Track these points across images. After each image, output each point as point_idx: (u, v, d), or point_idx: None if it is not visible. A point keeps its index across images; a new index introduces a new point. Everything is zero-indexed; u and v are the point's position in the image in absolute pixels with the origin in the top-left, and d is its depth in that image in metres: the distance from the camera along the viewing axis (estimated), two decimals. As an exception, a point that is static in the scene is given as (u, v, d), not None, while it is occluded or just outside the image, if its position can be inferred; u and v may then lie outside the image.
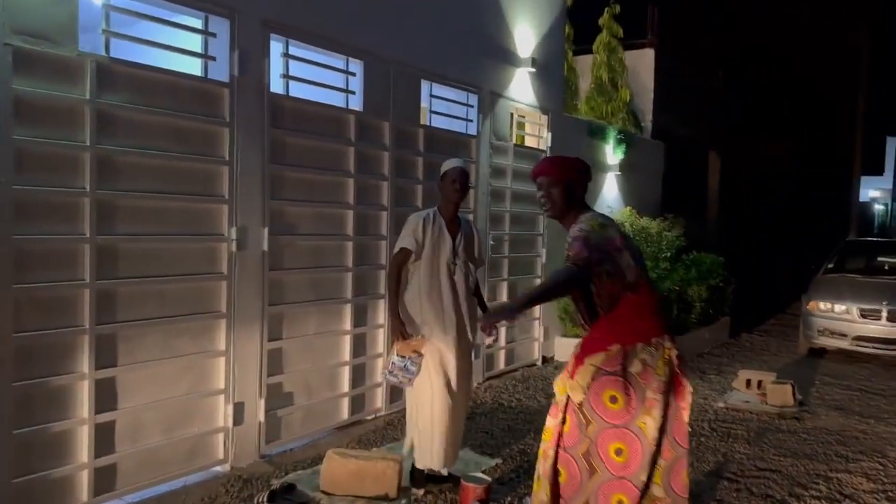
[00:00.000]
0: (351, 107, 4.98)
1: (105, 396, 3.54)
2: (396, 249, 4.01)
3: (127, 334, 3.63)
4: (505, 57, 6.68)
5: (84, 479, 3.47)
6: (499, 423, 5.42)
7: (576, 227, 2.89)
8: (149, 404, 3.75)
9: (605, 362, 2.84)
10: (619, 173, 9.32)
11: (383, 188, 5.27)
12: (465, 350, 4.10)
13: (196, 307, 3.98)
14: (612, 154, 9.24)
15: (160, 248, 3.78)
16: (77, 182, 3.39)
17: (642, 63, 11.07)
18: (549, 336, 7.65)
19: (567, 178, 3.01)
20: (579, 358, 2.91)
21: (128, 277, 3.61)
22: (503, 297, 6.90)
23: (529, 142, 7.59)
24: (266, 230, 4.32)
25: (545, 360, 7.60)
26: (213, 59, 4.02)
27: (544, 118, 7.46)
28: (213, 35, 4.01)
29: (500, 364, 6.93)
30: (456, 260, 4.07)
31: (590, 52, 10.92)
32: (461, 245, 4.11)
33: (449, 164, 4.15)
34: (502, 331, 6.66)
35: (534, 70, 6.95)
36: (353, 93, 4.98)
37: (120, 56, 3.58)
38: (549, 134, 7.49)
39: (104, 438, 3.54)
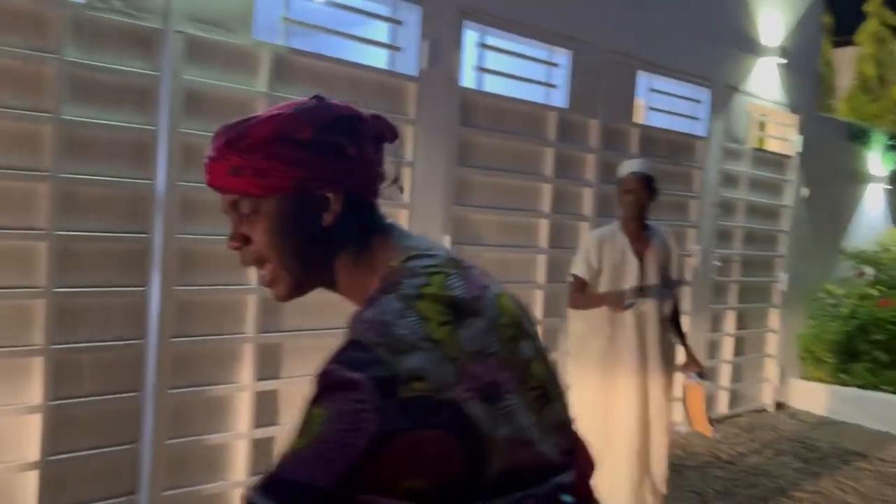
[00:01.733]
0: (552, 102, 4.40)
1: (261, 411, 3.30)
2: (570, 277, 3.41)
3: (296, 345, 3.37)
4: (745, 45, 5.69)
5: (237, 497, 3.26)
6: (713, 482, 4.51)
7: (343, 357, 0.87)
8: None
9: None
10: (889, 187, 7.74)
11: (585, 195, 4.62)
12: (646, 395, 3.39)
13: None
14: (880, 163, 7.68)
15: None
16: (246, 180, 3.17)
17: (923, 54, 9.18)
18: (784, 378, 6.46)
19: (293, 180, 0.97)
20: None
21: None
22: (729, 327, 5.90)
23: (773, 145, 6.46)
24: (447, 239, 3.88)
25: (779, 406, 6.42)
26: (399, 49, 3.66)
27: (793, 118, 6.29)
28: (401, 23, 3.65)
29: (721, 406, 5.92)
30: (644, 284, 3.36)
31: (851, 44, 9.29)
32: (651, 268, 3.39)
33: (624, 169, 3.45)
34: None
35: (782, 61, 5.86)
36: (555, 87, 4.40)
37: (300, 47, 3.34)
38: (800, 137, 6.31)
39: (263, 454, 3.31)
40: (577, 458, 1.03)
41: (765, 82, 5.89)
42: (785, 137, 6.32)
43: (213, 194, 1.04)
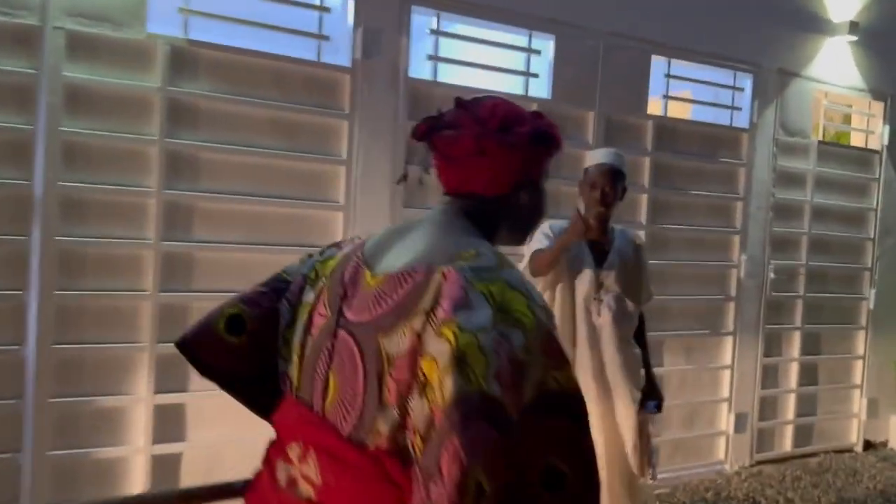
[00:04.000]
0: (532, 94, 3.94)
1: (161, 425, 3.10)
2: (526, 259, 2.87)
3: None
4: (804, 22, 4.87)
5: None
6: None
7: None
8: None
9: None
10: None
11: (581, 196, 4.09)
12: (612, 423, 2.87)
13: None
14: None
15: (244, 259, 3.25)
16: (142, 180, 3.03)
17: None
18: (876, 411, 5.43)
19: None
20: None
21: (202, 291, 3.15)
22: (792, 351, 5.03)
23: (856, 139, 5.52)
24: (395, 244, 3.53)
25: (869, 445, 5.41)
26: (327, 38, 3.39)
27: (878, 106, 5.33)
28: (328, 10, 3.38)
29: (785, 444, 5.04)
30: (601, 294, 2.84)
31: None
32: (612, 274, 2.87)
33: (590, 159, 2.96)
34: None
35: (855, 39, 4.97)
36: (536, 76, 3.93)
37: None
38: (887, 127, 5.33)
39: (163, 470, 3.12)
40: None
41: (833, 64, 5.02)
42: (866, 129, 5.37)
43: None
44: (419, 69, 3.62)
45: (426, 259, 1.15)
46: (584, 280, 2.85)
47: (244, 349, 1.39)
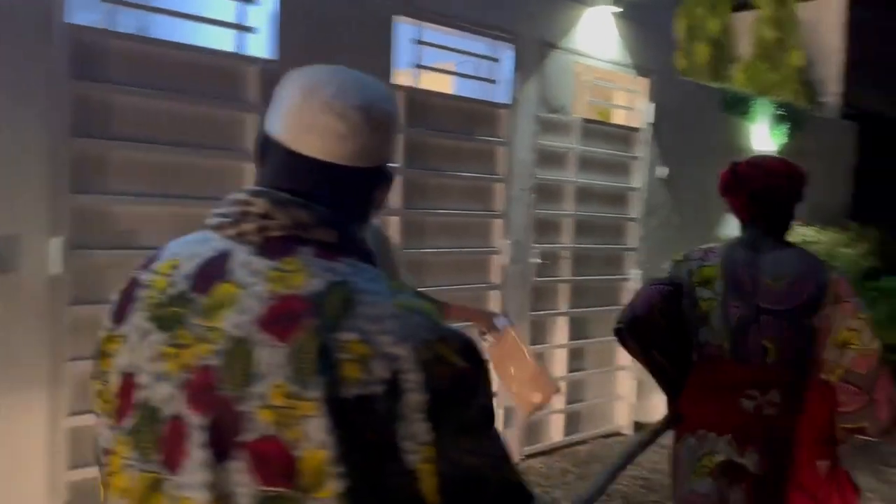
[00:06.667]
0: (251, 52, 3.29)
1: None
2: None
3: None
4: (564, -9, 4.62)
5: None
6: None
7: None
8: None
9: None
10: (775, 164, 6.72)
11: (315, 178, 3.52)
12: None
13: None
14: (768, 137, 6.68)
15: None
16: None
17: (825, 16, 8.18)
18: (645, 393, 5.42)
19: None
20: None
21: None
22: (559, 337, 4.83)
23: (618, 116, 5.43)
24: (60, 240, 2.75)
25: (639, 427, 5.38)
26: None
27: (642, 82, 5.25)
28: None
29: (555, 433, 4.85)
30: None
31: (750, 7, 8.30)
32: None
33: None
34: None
35: (619, 10, 4.81)
36: (251, 30, 3.28)
37: None
38: (652, 105, 5.26)
39: None
40: None
41: (596, 38, 4.82)
42: (630, 106, 5.27)
43: None
44: (87, 16, 2.83)
45: (810, 271, 2.10)
46: None
47: (667, 330, 2.22)
